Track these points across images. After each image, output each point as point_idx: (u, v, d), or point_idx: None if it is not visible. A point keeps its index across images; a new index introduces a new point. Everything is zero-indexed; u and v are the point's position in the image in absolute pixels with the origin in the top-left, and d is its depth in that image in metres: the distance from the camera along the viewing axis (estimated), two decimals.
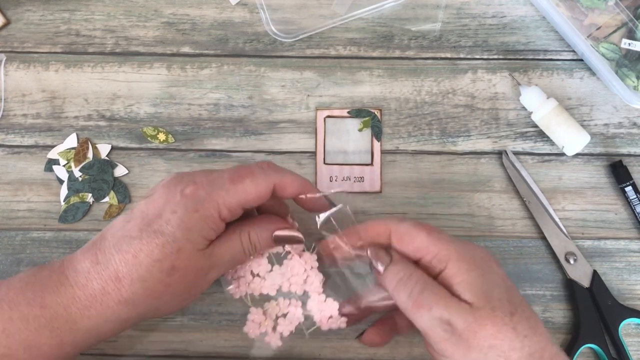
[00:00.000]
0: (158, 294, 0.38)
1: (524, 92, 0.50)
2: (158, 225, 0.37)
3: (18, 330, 0.37)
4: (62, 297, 0.37)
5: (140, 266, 0.37)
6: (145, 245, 0.37)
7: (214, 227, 0.39)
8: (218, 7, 0.53)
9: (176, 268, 0.37)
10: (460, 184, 0.51)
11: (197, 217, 0.38)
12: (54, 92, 0.52)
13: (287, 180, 0.40)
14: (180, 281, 0.38)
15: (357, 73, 0.52)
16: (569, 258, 0.49)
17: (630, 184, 0.50)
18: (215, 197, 0.38)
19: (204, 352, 0.49)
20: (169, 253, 0.37)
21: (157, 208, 0.38)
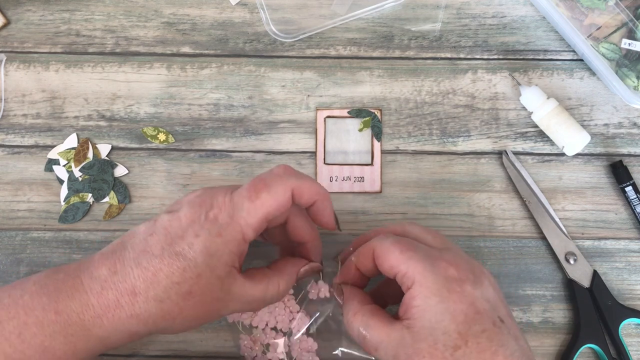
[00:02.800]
0: (171, 316, 0.37)
1: (524, 92, 0.50)
2: (180, 247, 0.37)
3: (33, 335, 0.37)
4: (76, 304, 0.37)
5: (158, 285, 0.36)
6: (166, 265, 0.36)
7: (236, 252, 0.38)
8: (218, 7, 0.53)
9: (193, 294, 0.37)
10: (460, 184, 0.51)
11: (220, 242, 0.37)
12: (54, 92, 0.52)
13: (304, 184, 0.39)
14: (196, 307, 0.37)
15: (357, 73, 0.52)
16: (569, 258, 0.49)
17: (631, 184, 0.50)
18: (237, 220, 0.37)
19: (204, 352, 0.49)
20: (188, 277, 0.36)
21: (181, 228, 0.37)
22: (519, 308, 0.49)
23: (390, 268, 0.38)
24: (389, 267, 0.38)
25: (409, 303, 0.36)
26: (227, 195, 0.38)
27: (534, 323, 0.49)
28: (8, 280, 0.50)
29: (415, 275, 0.36)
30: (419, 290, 0.36)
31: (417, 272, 0.36)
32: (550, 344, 0.49)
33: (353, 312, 0.39)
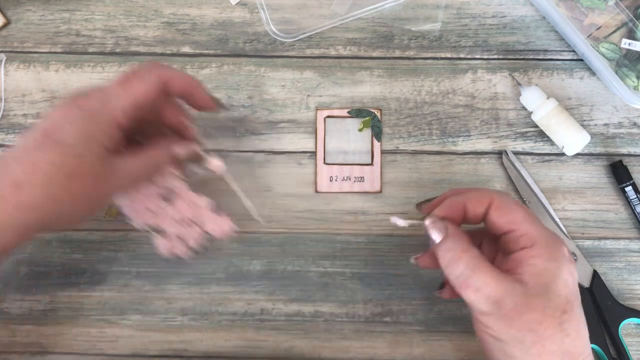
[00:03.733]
0: (59, 198, 0.38)
1: (524, 92, 0.50)
2: (57, 135, 0.38)
3: None
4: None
5: (40, 172, 0.37)
6: (46, 154, 0.37)
7: (111, 134, 0.39)
8: (218, 7, 0.53)
9: (76, 174, 0.38)
10: (461, 184, 0.51)
11: (94, 126, 0.39)
12: (54, 92, 0.52)
13: (174, 75, 0.42)
14: (81, 187, 0.38)
15: (357, 73, 0.52)
16: None
17: (631, 184, 0.50)
18: (108, 105, 0.39)
19: (204, 352, 0.49)
20: (69, 159, 0.37)
21: (55, 122, 0.39)
22: None
23: (507, 223, 0.39)
24: (508, 221, 0.39)
25: (525, 261, 0.38)
26: (98, 88, 0.40)
27: None
28: (8, 280, 0.50)
29: (539, 239, 0.38)
30: (540, 252, 0.38)
31: (542, 236, 0.38)
32: None
33: (462, 250, 0.39)
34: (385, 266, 0.50)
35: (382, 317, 0.49)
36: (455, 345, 0.49)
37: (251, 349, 0.49)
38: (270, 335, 0.49)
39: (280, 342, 0.49)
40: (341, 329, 0.49)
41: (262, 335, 0.49)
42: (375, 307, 0.50)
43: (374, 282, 0.50)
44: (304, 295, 0.50)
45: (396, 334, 0.49)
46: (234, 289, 0.50)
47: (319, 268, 0.50)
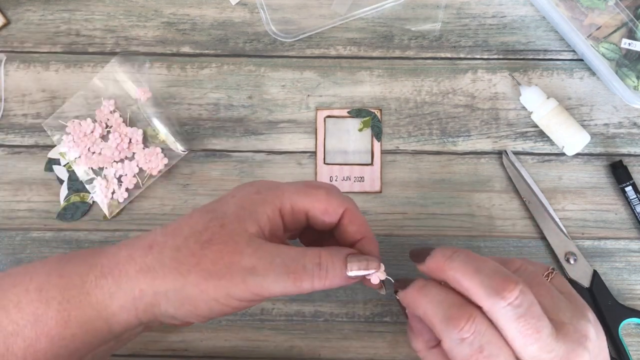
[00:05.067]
0: (186, 267, 0.33)
1: (524, 92, 0.50)
2: (212, 206, 0.35)
3: (30, 301, 0.34)
4: (84, 266, 0.35)
5: (178, 236, 0.34)
6: (192, 220, 0.35)
7: (269, 214, 0.35)
8: (218, 7, 0.53)
9: (214, 241, 0.33)
10: (461, 184, 0.51)
11: (255, 198, 0.35)
12: (54, 92, 0.52)
13: (358, 215, 0.37)
14: (213, 259, 0.33)
15: (357, 73, 0.52)
16: (569, 258, 0.49)
17: (630, 184, 0.50)
18: (281, 190, 0.36)
19: (204, 352, 0.49)
20: (211, 226, 0.34)
21: (224, 196, 0.36)
22: None
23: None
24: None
25: None
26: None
27: None
28: None
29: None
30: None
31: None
32: None
33: None
34: (385, 266, 0.50)
35: (382, 317, 0.49)
36: None
37: (251, 349, 0.49)
38: (270, 335, 0.49)
39: (280, 342, 0.49)
40: (341, 329, 0.49)
41: (262, 335, 0.49)
42: (375, 307, 0.50)
43: None
44: (304, 295, 0.50)
45: (396, 334, 0.49)
46: None
47: None
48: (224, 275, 0.33)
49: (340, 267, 0.35)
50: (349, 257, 0.35)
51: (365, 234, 0.38)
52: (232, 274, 0.33)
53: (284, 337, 0.49)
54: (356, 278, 0.36)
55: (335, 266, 0.35)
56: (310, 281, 0.34)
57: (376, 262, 0.36)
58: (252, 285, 0.33)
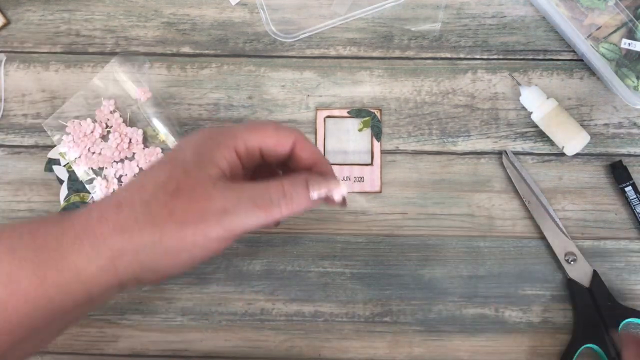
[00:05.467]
0: (159, 220, 0.33)
1: (524, 92, 0.50)
2: (170, 156, 0.36)
3: (1, 262, 0.33)
4: (57, 228, 0.34)
5: (144, 191, 0.34)
6: (154, 172, 0.35)
7: (226, 156, 0.36)
8: (218, 7, 0.53)
9: (181, 190, 0.34)
10: (460, 184, 0.51)
11: (210, 143, 0.36)
12: (54, 92, 0.52)
13: (307, 142, 0.38)
14: (185, 208, 0.34)
15: (357, 73, 0.52)
16: (568, 258, 0.49)
17: (630, 184, 0.50)
18: (233, 130, 0.37)
19: (204, 352, 0.49)
20: (175, 175, 0.34)
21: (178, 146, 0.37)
22: (519, 308, 0.49)
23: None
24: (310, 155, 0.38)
25: None
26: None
27: (534, 323, 0.49)
28: None
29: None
30: None
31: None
32: (550, 344, 0.49)
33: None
34: (385, 266, 0.50)
35: (382, 317, 0.49)
36: (455, 345, 0.49)
37: (251, 349, 0.49)
38: (270, 335, 0.49)
39: (280, 342, 0.49)
40: (341, 329, 0.49)
41: (262, 335, 0.49)
42: (375, 307, 0.50)
43: (374, 282, 0.50)
44: (304, 295, 0.50)
45: (396, 334, 0.49)
46: (234, 289, 0.50)
47: (319, 268, 0.50)
48: (199, 221, 0.34)
49: (303, 192, 0.36)
50: (309, 181, 0.37)
51: (317, 158, 0.39)
52: (206, 218, 0.34)
53: (284, 337, 0.49)
54: (319, 200, 0.37)
55: (299, 192, 0.36)
56: (279, 210, 0.35)
57: (335, 181, 0.38)
58: (227, 225, 0.34)
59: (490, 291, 0.50)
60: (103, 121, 0.51)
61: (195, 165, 0.35)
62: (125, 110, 0.51)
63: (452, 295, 0.50)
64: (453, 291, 0.50)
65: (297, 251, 0.50)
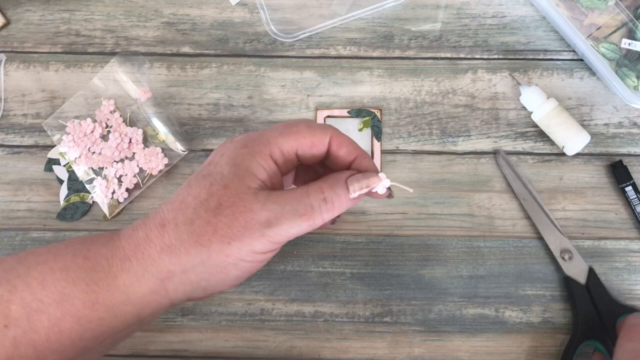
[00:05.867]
0: (206, 238, 0.33)
1: (524, 92, 0.50)
2: (206, 170, 0.35)
3: (55, 280, 0.34)
4: (107, 249, 0.35)
5: (186, 209, 0.34)
6: (193, 189, 0.35)
7: (264, 165, 0.35)
8: (218, 7, 0.53)
9: (223, 206, 0.34)
10: (461, 184, 0.51)
11: (245, 153, 0.35)
12: (54, 92, 0.52)
13: (343, 138, 0.37)
14: (229, 223, 0.33)
15: (357, 73, 0.52)
16: (564, 255, 0.49)
17: (631, 183, 0.50)
18: (266, 136, 0.36)
19: (204, 352, 0.49)
20: (215, 191, 0.34)
21: (211, 159, 0.36)
22: (519, 308, 0.49)
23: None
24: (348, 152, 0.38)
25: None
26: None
27: (534, 323, 0.49)
28: None
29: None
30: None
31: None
32: (550, 344, 0.49)
33: None
34: (385, 266, 0.50)
35: (382, 318, 0.49)
36: (455, 345, 0.49)
37: (251, 349, 0.49)
38: (270, 336, 0.49)
39: (280, 342, 0.49)
40: (341, 329, 0.49)
41: (261, 335, 0.49)
42: (375, 307, 0.50)
43: (374, 282, 0.50)
44: (304, 295, 0.50)
45: (396, 334, 0.49)
46: (233, 289, 0.50)
47: (319, 268, 0.50)
48: (243, 235, 0.34)
49: (343, 194, 0.36)
50: (348, 180, 0.36)
51: (356, 152, 0.38)
52: (250, 232, 0.34)
53: (284, 337, 0.49)
54: (361, 197, 0.37)
55: (340, 194, 0.36)
56: (321, 217, 0.35)
57: (375, 175, 0.37)
58: (271, 236, 0.34)
59: (490, 291, 0.50)
60: (103, 121, 0.51)
61: (234, 178, 0.34)
62: (125, 110, 0.51)
63: (452, 296, 0.50)
64: (453, 291, 0.50)
65: (297, 251, 0.50)
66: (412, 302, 0.50)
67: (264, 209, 0.34)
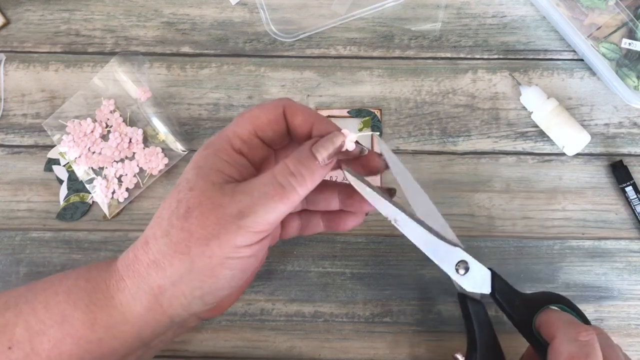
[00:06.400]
0: (182, 247, 0.33)
1: (524, 92, 0.50)
2: (178, 181, 0.35)
3: (58, 302, 0.35)
4: (107, 272, 0.36)
5: (162, 222, 0.34)
6: (166, 201, 0.35)
7: (227, 159, 0.35)
8: (218, 6, 0.53)
9: (191, 208, 0.33)
10: (461, 184, 0.51)
11: (206, 153, 0.35)
12: (54, 91, 0.52)
13: (297, 107, 0.36)
14: (201, 224, 0.33)
15: (357, 73, 0.52)
16: (459, 269, 0.41)
17: (631, 183, 0.50)
18: (224, 132, 0.36)
19: (203, 352, 0.49)
20: (182, 196, 0.34)
21: (184, 171, 0.36)
22: None
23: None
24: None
25: None
26: None
27: None
28: (7, 280, 0.50)
29: None
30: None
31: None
32: None
33: None
34: (385, 266, 0.50)
35: (382, 318, 0.49)
36: (455, 345, 0.49)
37: (251, 349, 0.49)
38: (270, 336, 0.49)
39: (280, 342, 0.49)
40: (341, 329, 0.49)
41: (261, 335, 0.49)
42: (375, 307, 0.50)
43: (374, 282, 0.50)
44: (304, 295, 0.50)
45: (396, 334, 0.49)
46: None
47: (319, 268, 0.50)
48: (219, 233, 0.33)
49: (311, 162, 0.34)
50: (312, 148, 0.35)
51: (313, 118, 0.36)
52: (225, 227, 0.33)
53: (284, 338, 0.49)
54: (333, 161, 0.35)
55: (307, 165, 0.34)
56: (295, 192, 0.34)
57: (338, 134, 0.35)
58: (249, 226, 0.33)
59: None
60: (103, 121, 0.51)
61: (198, 180, 0.34)
62: (125, 109, 0.51)
63: (452, 296, 0.49)
64: (453, 291, 0.49)
65: (297, 251, 0.50)
66: (412, 302, 0.50)
67: (233, 200, 0.33)
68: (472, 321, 0.41)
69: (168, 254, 0.33)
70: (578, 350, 0.36)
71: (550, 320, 0.39)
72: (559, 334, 0.37)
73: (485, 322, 0.41)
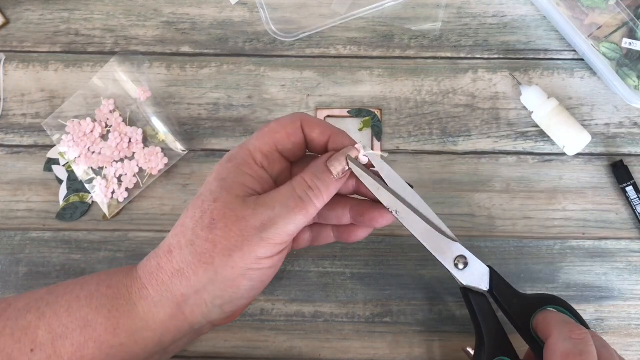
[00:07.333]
0: (208, 255, 0.35)
1: (525, 92, 0.50)
2: (200, 191, 0.37)
3: (80, 307, 0.36)
4: (128, 279, 0.37)
5: (186, 231, 0.35)
6: (190, 211, 0.36)
7: (250, 173, 0.37)
8: (218, 6, 0.53)
9: (216, 219, 0.35)
10: (461, 184, 0.51)
11: (229, 166, 0.37)
12: (54, 91, 0.52)
13: (314, 120, 0.38)
14: (225, 236, 0.35)
15: (357, 73, 0.52)
16: (458, 264, 0.41)
17: (631, 183, 0.50)
18: (246, 146, 0.37)
19: (204, 352, 0.49)
20: (207, 207, 0.35)
21: (206, 182, 0.38)
22: None
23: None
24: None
25: None
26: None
27: None
28: (7, 280, 0.50)
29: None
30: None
31: None
32: None
33: None
34: (385, 266, 0.50)
35: (382, 318, 0.49)
36: (455, 345, 0.49)
37: (251, 349, 0.49)
38: (270, 336, 0.49)
39: (280, 342, 0.49)
40: (341, 329, 0.49)
41: (262, 335, 0.49)
42: (375, 307, 0.50)
43: (374, 282, 0.50)
44: (304, 295, 0.50)
45: (396, 334, 0.49)
46: None
47: (319, 268, 0.50)
48: (242, 244, 0.35)
49: (326, 176, 0.37)
50: (327, 162, 0.37)
51: (329, 131, 0.38)
52: (248, 239, 0.35)
53: (284, 338, 0.49)
54: (347, 174, 0.38)
55: (323, 178, 0.37)
56: (312, 205, 0.36)
57: (352, 149, 0.38)
58: (270, 238, 0.35)
59: None
60: (103, 121, 0.51)
61: (222, 191, 0.36)
62: (125, 109, 0.51)
63: (453, 296, 0.49)
64: (453, 291, 0.50)
65: (297, 251, 0.50)
66: (412, 302, 0.50)
67: (256, 213, 0.35)
68: (476, 313, 0.42)
69: (193, 263, 0.35)
70: (572, 348, 0.36)
71: (546, 320, 0.40)
72: (554, 332, 0.38)
73: (489, 314, 0.42)
